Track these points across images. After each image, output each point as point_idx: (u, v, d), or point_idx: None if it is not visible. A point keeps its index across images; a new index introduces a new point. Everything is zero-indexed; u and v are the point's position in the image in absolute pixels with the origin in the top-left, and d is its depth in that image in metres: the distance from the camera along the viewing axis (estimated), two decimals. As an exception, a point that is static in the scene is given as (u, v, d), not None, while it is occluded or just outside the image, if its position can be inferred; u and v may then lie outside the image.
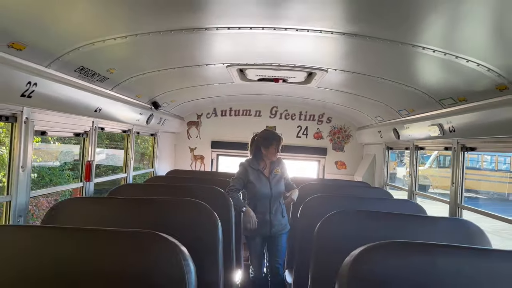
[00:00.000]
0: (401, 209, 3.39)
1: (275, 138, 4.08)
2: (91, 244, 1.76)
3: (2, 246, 1.72)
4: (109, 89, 3.65)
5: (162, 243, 1.73)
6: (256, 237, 4.06)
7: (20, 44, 2.24)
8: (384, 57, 3.10)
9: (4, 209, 2.64)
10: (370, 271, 1.78)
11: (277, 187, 4.10)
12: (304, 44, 3.11)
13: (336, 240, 2.50)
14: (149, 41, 2.87)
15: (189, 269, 1.71)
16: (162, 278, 1.68)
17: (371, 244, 1.86)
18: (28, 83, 2.44)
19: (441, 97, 3.46)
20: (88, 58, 2.86)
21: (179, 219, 2.60)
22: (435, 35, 2.48)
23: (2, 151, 10.41)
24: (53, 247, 1.74)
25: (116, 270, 1.70)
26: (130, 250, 1.74)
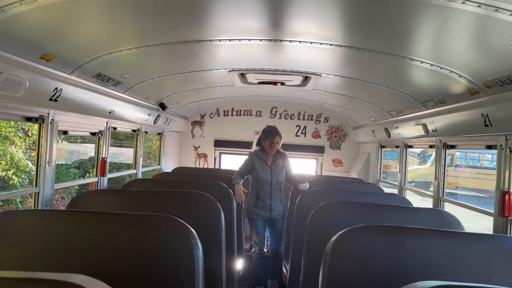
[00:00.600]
0: (389, 202, 3.69)
1: (270, 133, 4.61)
2: (112, 226, 2.08)
3: (35, 227, 2.04)
4: (122, 92, 4.00)
5: (175, 224, 2.07)
6: (258, 219, 4.58)
7: (50, 55, 2.59)
8: (375, 65, 3.42)
9: (32, 199, 3.00)
10: (349, 249, 2.12)
11: (278, 176, 4.59)
12: (298, 52, 3.45)
13: (326, 228, 2.71)
14: (159, 51, 3.21)
15: (197, 246, 2.05)
16: (175, 253, 2.02)
17: (351, 227, 2.20)
18: (55, 88, 2.79)
19: (424, 99, 3.78)
20: (105, 66, 3.21)
21: (187, 209, 2.92)
22: (422, 48, 2.80)
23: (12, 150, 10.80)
24: (80, 229, 2.06)
25: (134, 248, 2.03)
26: (147, 231, 2.07)
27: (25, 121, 2.80)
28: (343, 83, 4.39)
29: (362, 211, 3.00)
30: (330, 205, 3.00)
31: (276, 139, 4.60)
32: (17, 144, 10.90)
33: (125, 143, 12.91)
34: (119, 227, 2.10)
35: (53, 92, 2.79)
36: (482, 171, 15.11)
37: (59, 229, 2.07)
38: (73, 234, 2.04)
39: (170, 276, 2.02)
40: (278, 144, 4.62)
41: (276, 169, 4.59)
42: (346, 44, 2.92)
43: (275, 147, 4.60)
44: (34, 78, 2.54)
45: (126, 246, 2.04)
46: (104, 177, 4.11)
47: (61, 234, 2.04)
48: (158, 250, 2.03)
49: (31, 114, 2.88)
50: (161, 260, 2.02)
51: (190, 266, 2.02)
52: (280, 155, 4.69)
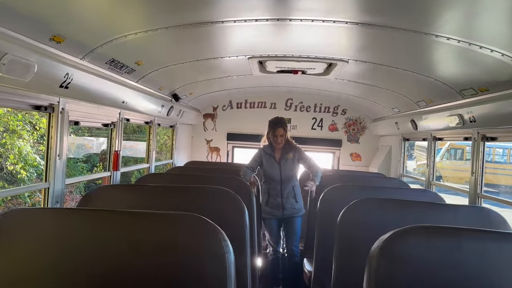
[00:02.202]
0: (420, 198, 3.43)
1: (272, 125, 4.25)
2: (131, 226, 1.84)
3: (45, 227, 1.81)
4: (135, 81, 3.75)
5: (203, 225, 1.83)
6: (271, 218, 4.28)
7: (60, 37, 2.34)
8: (404, 47, 3.15)
9: (42, 195, 2.77)
10: (398, 254, 1.87)
11: (288, 171, 4.25)
12: (326, 35, 3.17)
13: (360, 228, 2.58)
14: (177, 34, 2.95)
15: (228, 249, 1.81)
16: (205, 257, 1.79)
17: (400, 229, 1.94)
18: (66, 74, 2.55)
19: (461, 88, 3.49)
20: (118, 51, 2.96)
21: (208, 206, 2.68)
22: (455, 25, 2.52)
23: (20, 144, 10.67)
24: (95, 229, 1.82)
25: (157, 251, 1.79)
26: (172, 232, 1.83)
27: (33, 109, 2.56)
28: (369, 70, 4.10)
29: (398, 209, 2.76)
30: (363, 202, 2.76)
31: (278, 132, 4.20)
32: (25, 138, 10.77)
33: (133, 137, 12.74)
34: (139, 227, 1.87)
35: (64, 78, 2.54)
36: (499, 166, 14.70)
37: (71, 229, 1.84)
38: (87, 235, 1.81)
39: (198, 282, 1.79)
40: (282, 138, 4.21)
41: (285, 164, 4.25)
42: (369, 22, 2.63)
43: (278, 141, 4.20)
44: (43, 61, 2.30)
45: (147, 248, 1.81)
46: (117, 171, 3.87)
47: (73, 234, 1.81)
48: (185, 253, 1.80)
49: (40, 102, 2.63)
50: (188, 265, 1.80)
51: (221, 271, 1.79)
52: (290, 148, 4.31)
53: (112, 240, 1.83)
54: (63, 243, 1.78)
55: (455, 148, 15.77)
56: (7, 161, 10.45)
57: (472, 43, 2.60)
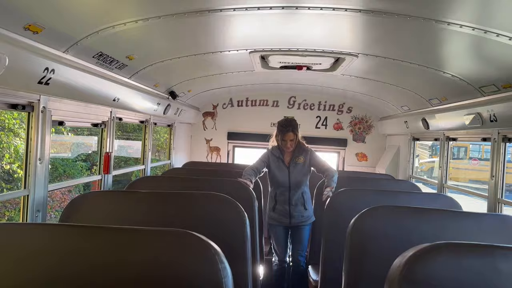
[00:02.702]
0: (435, 204, 3.19)
1: (282, 128, 3.88)
2: (114, 245, 1.60)
3: (19, 245, 1.58)
4: (127, 78, 3.48)
5: (199, 245, 1.57)
6: (277, 226, 3.98)
7: (37, 26, 2.07)
8: (418, 39, 2.90)
9: (21, 203, 2.51)
10: (424, 275, 1.60)
11: (298, 177, 3.90)
12: (335, 26, 2.91)
13: (373, 238, 2.34)
14: (171, 25, 2.69)
15: (226, 273, 1.55)
16: (198, 282, 1.53)
17: (424, 246, 1.68)
18: (46, 69, 2.27)
19: (481, 84, 3.22)
20: (107, 43, 2.69)
21: (205, 214, 2.46)
22: (469, 10, 2.27)
23: (16, 143, 10.42)
24: (75, 247, 1.59)
25: (142, 274, 1.55)
26: (162, 251, 1.58)
27: (9, 108, 2.29)
28: (379, 65, 3.81)
29: (414, 218, 2.51)
30: (376, 210, 2.50)
31: (287, 136, 3.83)
32: (22, 137, 10.54)
33: (133, 136, 12.49)
34: (122, 246, 1.61)
35: (43, 74, 2.27)
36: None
37: (49, 247, 1.59)
38: (66, 253, 1.56)
39: None
40: (292, 142, 3.86)
41: (295, 169, 3.90)
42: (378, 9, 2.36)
43: (288, 146, 3.85)
44: (17, 54, 2.02)
45: (131, 271, 1.55)
46: (109, 174, 3.60)
47: (51, 252, 1.56)
48: (173, 278, 1.53)
49: (16, 101, 2.36)
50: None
51: None
52: (301, 150, 3.96)
53: (90, 260, 1.58)
54: (41, 261, 1.55)
55: (458, 147, 15.52)
56: (3, 160, 10.22)
57: (488, 31, 2.33)
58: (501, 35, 2.31)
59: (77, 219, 2.44)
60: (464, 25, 2.36)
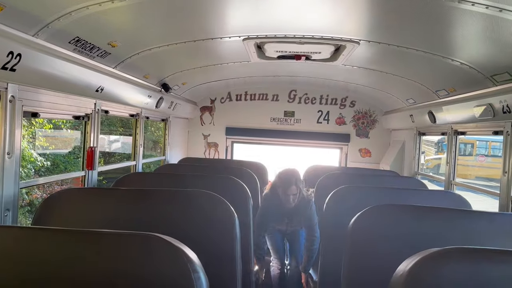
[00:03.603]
0: (442, 202, 2.98)
1: (283, 182, 3.52)
2: (83, 248, 1.44)
3: None
4: (112, 67, 3.26)
5: (170, 250, 1.38)
6: (273, 232, 3.84)
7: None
8: (424, 23, 2.66)
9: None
10: (432, 283, 1.39)
11: (296, 227, 3.77)
12: (334, 9, 2.67)
13: (375, 239, 2.17)
14: (154, 6, 2.46)
15: (201, 283, 1.35)
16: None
17: (432, 251, 1.47)
18: (10, 53, 2.05)
19: (493, 73, 2.96)
20: (84, 27, 2.47)
21: (191, 213, 2.28)
22: None
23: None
24: (41, 252, 1.44)
25: (112, 281, 1.38)
26: (131, 258, 1.40)
27: (-31, 97, 2.08)
28: (382, 53, 3.56)
29: (422, 218, 2.33)
30: (379, 209, 2.31)
31: (290, 190, 3.48)
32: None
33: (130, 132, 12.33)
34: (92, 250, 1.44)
35: (7, 58, 2.05)
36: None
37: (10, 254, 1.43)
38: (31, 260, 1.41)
39: None
40: (295, 197, 3.52)
41: (294, 224, 3.72)
42: None
43: (291, 201, 3.51)
44: (-28, 35, 1.80)
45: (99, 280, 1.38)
46: (93, 170, 3.39)
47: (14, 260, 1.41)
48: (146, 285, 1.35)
49: (-23, 89, 2.14)
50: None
51: None
52: (303, 207, 3.58)
53: (50, 265, 1.41)
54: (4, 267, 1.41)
55: (465, 143, 15.24)
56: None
57: (504, 9, 2.08)
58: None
59: (52, 219, 2.25)
60: (477, 3, 2.11)
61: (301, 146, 6.65)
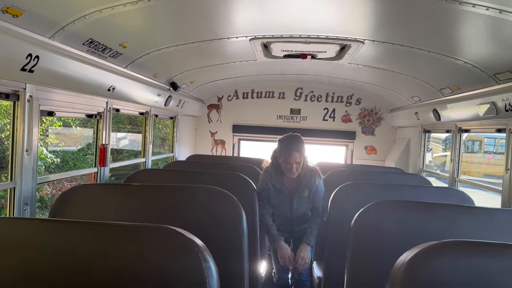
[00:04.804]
0: (445, 199, 3.04)
1: (285, 147, 3.17)
2: (100, 239, 1.52)
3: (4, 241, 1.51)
4: (123, 67, 3.36)
5: (181, 241, 1.46)
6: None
7: (16, 9, 1.94)
8: (428, 23, 2.72)
9: (8, 196, 2.42)
10: (429, 276, 1.47)
11: (301, 210, 3.37)
12: (338, 10, 2.74)
13: (377, 234, 2.23)
14: (163, 9, 2.55)
15: (211, 272, 1.43)
16: (180, 281, 1.41)
17: (430, 244, 1.53)
18: (29, 55, 2.16)
19: (496, 71, 3.01)
20: (97, 30, 2.57)
21: (200, 208, 2.36)
22: None
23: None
24: (60, 242, 1.52)
25: (126, 270, 1.46)
26: (145, 248, 1.48)
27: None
28: (387, 52, 3.62)
29: (421, 213, 2.39)
30: (381, 205, 2.37)
31: (293, 158, 3.12)
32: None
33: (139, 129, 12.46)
34: (107, 241, 1.52)
35: (26, 60, 2.15)
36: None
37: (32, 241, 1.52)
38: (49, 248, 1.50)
39: None
40: (298, 165, 3.16)
41: (299, 202, 3.32)
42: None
43: (293, 170, 3.16)
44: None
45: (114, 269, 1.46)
46: (105, 167, 3.50)
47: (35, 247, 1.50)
48: (157, 275, 1.43)
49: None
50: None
51: None
52: (308, 178, 3.26)
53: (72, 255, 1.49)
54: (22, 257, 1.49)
55: (473, 140, 15.15)
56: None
57: (504, 10, 2.13)
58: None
59: (67, 213, 2.35)
60: (478, 4, 2.17)
61: (307, 143, 6.71)
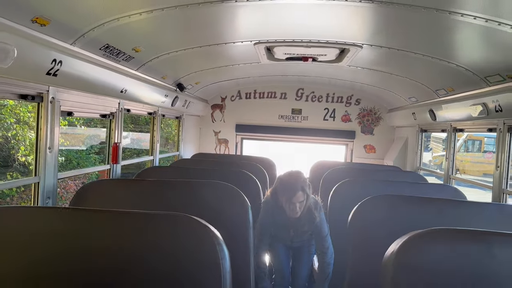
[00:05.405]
0: (438, 194, 3.21)
1: (287, 188, 2.92)
2: (119, 227, 1.68)
3: (31, 226, 1.67)
4: (135, 69, 3.55)
5: (197, 227, 1.64)
6: (276, 244, 3.32)
7: (44, 19, 2.14)
8: (426, 29, 2.88)
9: (32, 190, 2.62)
10: (418, 260, 1.65)
11: (302, 237, 3.23)
12: (339, 17, 2.92)
13: (373, 227, 2.39)
14: (175, 17, 2.73)
15: (224, 254, 1.61)
16: (197, 263, 1.60)
17: (419, 231, 1.72)
18: (53, 61, 2.35)
19: (486, 74, 3.19)
20: (113, 36, 2.76)
21: (209, 202, 2.51)
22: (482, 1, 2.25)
23: (32, 135, 10.65)
24: (83, 229, 1.68)
25: (144, 255, 1.62)
26: (163, 234, 1.65)
27: (19, 99, 2.39)
28: (385, 56, 3.80)
29: (414, 207, 2.55)
30: (377, 199, 2.53)
31: (296, 198, 2.87)
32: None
33: (145, 128, 12.65)
34: (127, 227, 1.70)
35: (51, 65, 2.35)
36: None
37: (57, 228, 1.68)
38: (74, 235, 1.66)
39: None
40: (301, 204, 2.92)
41: (299, 234, 3.19)
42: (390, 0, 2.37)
43: (296, 210, 2.91)
44: (25, 45, 2.10)
45: (134, 251, 1.64)
46: (117, 164, 3.70)
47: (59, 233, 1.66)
48: (175, 258, 1.62)
49: (26, 91, 2.45)
50: (178, 271, 1.61)
51: (215, 280, 1.59)
52: (309, 216, 3.01)
53: (97, 241, 1.67)
54: (49, 242, 1.65)
55: (473, 140, 15.29)
56: (19, 153, 10.46)
57: (503, 23, 2.31)
58: (506, 24, 2.30)
59: (86, 205, 2.53)
60: (466, 14, 2.35)
61: (308, 143, 6.91)
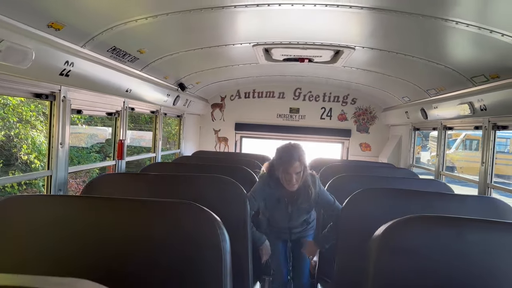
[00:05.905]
0: (428, 188, 3.37)
1: (285, 157, 2.83)
2: (128, 213, 1.83)
3: (42, 214, 1.81)
4: (139, 70, 3.74)
5: (198, 212, 1.81)
6: (274, 240, 3.23)
7: (59, 24, 2.32)
8: (415, 33, 3.06)
9: (45, 183, 2.80)
10: (399, 243, 1.82)
11: (299, 219, 3.16)
12: (332, 21, 3.09)
13: (363, 219, 2.52)
14: (178, 21, 2.91)
15: (224, 237, 1.78)
16: (199, 245, 1.76)
17: (400, 219, 1.89)
18: (66, 62, 2.54)
19: (472, 75, 3.38)
20: (120, 38, 2.94)
21: (209, 194, 2.67)
22: (465, 8, 2.43)
23: (33, 134, 10.83)
24: (94, 216, 1.83)
25: (152, 238, 1.77)
26: (167, 220, 1.81)
27: (34, 97, 2.57)
28: (377, 57, 3.99)
29: (403, 199, 2.70)
30: (366, 192, 2.69)
31: (293, 168, 2.78)
32: (38, 128, 10.92)
33: (145, 127, 12.82)
34: (136, 214, 1.87)
35: (64, 66, 2.53)
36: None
37: (68, 216, 1.83)
38: (85, 222, 1.81)
39: (193, 271, 1.78)
40: (298, 175, 2.82)
41: (297, 212, 3.07)
42: (385, 7, 2.55)
43: (293, 182, 2.81)
44: (42, 49, 2.29)
45: (142, 236, 1.81)
46: (122, 160, 3.89)
47: (71, 221, 1.81)
48: (179, 241, 1.78)
49: (40, 91, 2.64)
50: (183, 253, 1.78)
51: (216, 260, 1.77)
52: (307, 188, 2.91)
53: (108, 227, 1.82)
54: (61, 230, 1.78)
55: (471, 139, 15.45)
56: (21, 151, 10.62)
57: (482, 27, 2.50)
58: (494, 31, 2.47)
59: None
60: (460, 22, 2.50)
61: (305, 141, 7.09)
